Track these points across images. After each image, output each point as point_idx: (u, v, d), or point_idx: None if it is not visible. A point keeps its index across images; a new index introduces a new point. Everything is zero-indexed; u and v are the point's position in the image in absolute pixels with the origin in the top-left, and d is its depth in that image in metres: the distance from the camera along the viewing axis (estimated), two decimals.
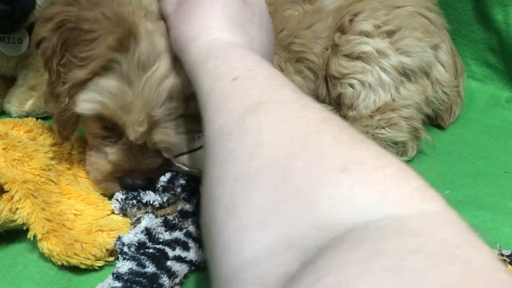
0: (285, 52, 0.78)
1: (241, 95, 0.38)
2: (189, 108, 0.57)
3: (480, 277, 0.23)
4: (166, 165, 0.62)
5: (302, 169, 0.31)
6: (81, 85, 0.57)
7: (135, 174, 0.62)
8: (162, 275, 0.51)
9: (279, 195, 0.31)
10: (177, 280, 0.52)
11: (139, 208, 0.59)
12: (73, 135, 0.67)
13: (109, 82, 0.56)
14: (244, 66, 0.42)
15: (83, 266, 0.53)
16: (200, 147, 0.59)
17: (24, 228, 0.55)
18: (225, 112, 0.38)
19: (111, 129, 0.61)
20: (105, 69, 0.56)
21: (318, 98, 0.83)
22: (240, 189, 0.33)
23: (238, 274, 0.30)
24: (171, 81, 0.56)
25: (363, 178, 0.29)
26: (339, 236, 0.27)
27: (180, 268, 0.53)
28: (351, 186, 0.29)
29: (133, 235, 0.55)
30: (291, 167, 0.31)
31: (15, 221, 0.54)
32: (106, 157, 0.63)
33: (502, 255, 0.52)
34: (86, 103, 0.58)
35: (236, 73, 0.40)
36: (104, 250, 0.54)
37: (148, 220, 0.57)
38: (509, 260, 0.51)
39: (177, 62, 0.55)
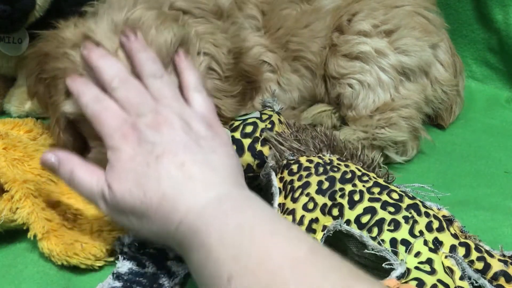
0: (282, 51, 0.78)
1: None
2: None
3: None
4: None
5: None
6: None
7: None
8: (162, 275, 0.51)
9: None
10: (177, 280, 0.52)
11: None
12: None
13: None
14: (226, 252, 0.39)
15: (83, 266, 0.53)
16: None
17: (24, 228, 0.55)
18: None
19: None
20: None
21: (315, 97, 0.83)
22: None
23: None
24: None
25: None
26: None
27: (180, 268, 0.53)
28: None
29: (133, 235, 0.55)
30: None
31: (15, 221, 0.54)
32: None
33: (504, 256, 0.52)
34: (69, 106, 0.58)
35: (228, 269, 0.38)
36: (104, 250, 0.54)
37: None
38: (511, 261, 0.51)
39: None
